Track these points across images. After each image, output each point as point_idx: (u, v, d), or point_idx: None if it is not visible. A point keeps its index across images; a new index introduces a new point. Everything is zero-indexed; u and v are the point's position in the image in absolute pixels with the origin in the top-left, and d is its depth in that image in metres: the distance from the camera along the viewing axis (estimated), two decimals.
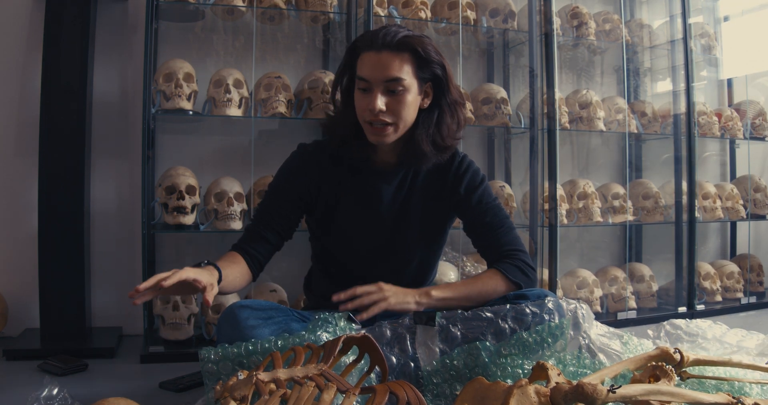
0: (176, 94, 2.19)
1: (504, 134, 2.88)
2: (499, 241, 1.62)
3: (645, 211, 2.93)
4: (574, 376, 1.44)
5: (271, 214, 1.62)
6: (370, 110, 1.51)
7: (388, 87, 1.51)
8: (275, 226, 1.61)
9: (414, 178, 1.66)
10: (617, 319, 2.70)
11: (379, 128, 1.53)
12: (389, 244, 1.66)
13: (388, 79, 1.50)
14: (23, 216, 2.36)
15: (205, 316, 2.23)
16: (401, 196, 1.66)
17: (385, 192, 1.64)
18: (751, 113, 3.26)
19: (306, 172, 1.64)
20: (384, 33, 1.51)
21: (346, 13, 2.45)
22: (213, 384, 1.31)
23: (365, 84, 1.52)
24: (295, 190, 1.63)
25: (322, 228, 1.68)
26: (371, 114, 1.51)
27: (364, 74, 1.52)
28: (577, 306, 1.61)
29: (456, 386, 1.39)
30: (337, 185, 1.64)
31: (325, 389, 1.08)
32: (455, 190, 1.66)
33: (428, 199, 1.67)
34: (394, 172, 1.65)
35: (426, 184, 1.67)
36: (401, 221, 1.65)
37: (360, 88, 1.53)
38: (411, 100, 1.54)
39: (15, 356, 2.04)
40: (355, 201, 1.64)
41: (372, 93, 1.51)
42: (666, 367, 1.36)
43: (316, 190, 1.64)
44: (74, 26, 2.18)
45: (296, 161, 1.66)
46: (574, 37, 2.83)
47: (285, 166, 1.68)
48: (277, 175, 1.68)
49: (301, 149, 1.69)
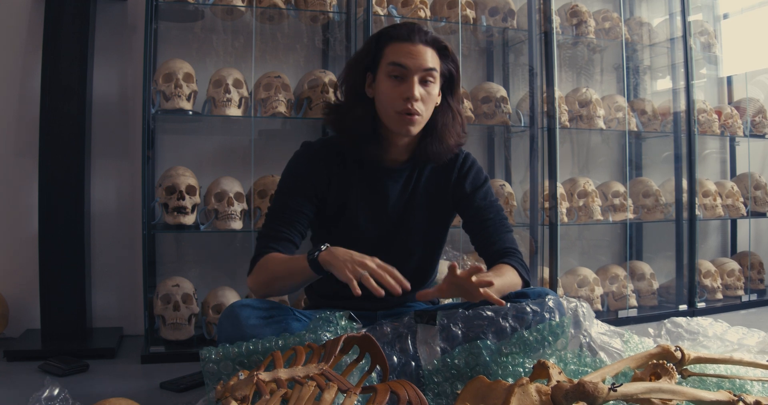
0: (176, 94, 2.19)
1: (504, 133, 2.88)
2: (501, 239, 1.63)
3: (645, 209, 2.93)
4: (575, 374, 1.44)
5: (294, 216, 1.57)
6: (405, 98, 1.51)
7: (423, 76, 1.53)
8: (299, 228, 1.58)
9: (419, 176, 1.67)
10: (618, 317, 2.70)
11: (411, 117, 1.53)
12: (393, 241, 1.66)
13: (426, 68, 1.52)
14: (24, 217, 2.36)
15: (205, 316, 2.23)
16: (407, 194, 1.66)
17: (392, 190, 1.64)
18: (751, 111, 3.26)
19: (317, 171, 1.62)
20: (416, 28, 1.55)
21: (345, 13, 2.45)
22: (214, 384, 1.31)
23: (401, 71, 1.52)
24: (311, 189, 1.60)
25: (328, 227, 1.67)
26: (406, 102, 1.51)
27: (401, 61, 1.51)
28: (577, 304, 1.61)
29: (457, 385, 1.39)
30: (345, 184, 1.63)
31: (326, 389, 1.08)
32: (460, 186, 1.67)
33: (432, 196, 1.68)
34: (401, 169, 1.65)
35: (430, 182, 1.67)
36: (406, 219, 1.66)
37: (393, 75, 1.53)
38: (435, 94, 1.57)
39: (16, 357, 2.04)
40: (364, 199, 1.64)
41: (408, 81, 1.52)
42: (667, 365, 1.36)
43: (327, 189, 1.63)
44: (74, 26, 2.18)
45: (306, 161, 1.63)
46: (573, 35, 2.83)
47: (295, 167, 1.64)
48: (287, 175, 1.64)
49: (308, 148, 1.66)
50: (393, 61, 1.52)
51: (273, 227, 1.57)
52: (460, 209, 1.69)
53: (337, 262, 1.34)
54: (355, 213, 1.63)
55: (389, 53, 1.54)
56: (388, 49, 1.54)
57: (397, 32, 1.55)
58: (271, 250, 1.53)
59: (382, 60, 1.55)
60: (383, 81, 1.55)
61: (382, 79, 1.55)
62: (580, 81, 3.10)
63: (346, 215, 1.64)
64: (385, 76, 1.54)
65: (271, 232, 1.56)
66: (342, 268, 1.32)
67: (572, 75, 3.10)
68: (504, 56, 2.93)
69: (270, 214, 1.60)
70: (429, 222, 1.68)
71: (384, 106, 1.55)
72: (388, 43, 1.55)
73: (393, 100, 1.53)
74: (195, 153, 2.51)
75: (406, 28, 1.55)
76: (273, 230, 1.56)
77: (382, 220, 1.65)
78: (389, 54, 1.54)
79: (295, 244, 1.57)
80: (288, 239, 1.55)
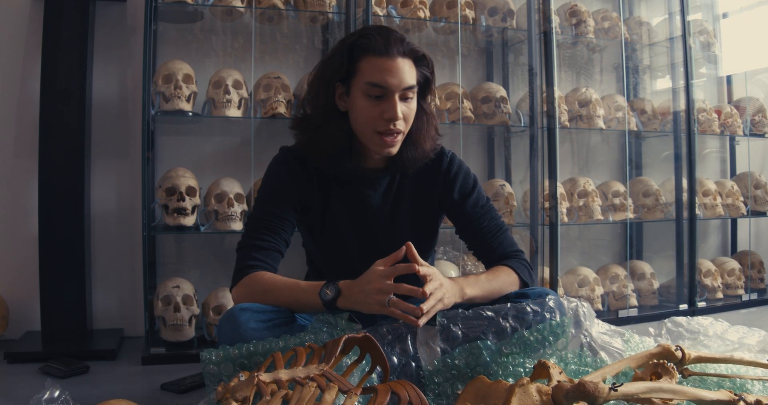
0: (176, 95, 2.19)
1: (504, 133, 2.88)
2: (501, 244, 1.60)
3: (645, 208, 2.93)
4: (576, 374, 1.44)
5: (278, 224, 1.51)
6: (387, 119, 1.43)
7: (404, 94, 1.44)
8: (284, 236, 1.52)
9: (401, 181, 1.61)
10: (618, 316, 2.70)
11: (392, 138, 1.45)
12: (381, 249, 1.59)
13: (406, 86, 1.43)
14: (24, 218, 2.36)
15: (206, 317, 2.23)
16: (390, 200, 1.61)
17: (373, 198, 1.59)
18: (751, 110, 3.26)
19: (297, 178, 1.56)
20: (392, 38, 1.44)
21: (344, 13, 2.45)
22: (214, 385, 1.31)
23: (380, 91, 1.42)
24: (293, 196, 1.55)
25: (314, 235, 1.63)
26: (387, 123, 1.43)
27: (380, 81, 1.41)
28: (578, 304, 1.61)
29: (457, 385, 1.39)
30: (324, 193, 1.58)
31: (327, 390, 1.08)
32: (448, 193, 1.62)
33: (416, 201, 1.63)
34: (380, 178, 1.59)
35: (415, 186, 1.62)
36: (392, 225, 1.62)
37: (372, 95, 1.43)
38: (414, 106, 1.49)
39: (16, 359, 2.04)
40: (344, 209, 1.59)
41: (388, 100, 1.42)
42: (668, 365, 1.36)
43: (308, 196, 1.58)
44: (73, 28, 2.19)
45: (285, 168, 1.56)
46: (573, 35, 2.83)
47: (274, 174, 1.57)
48: (267, 183, 1.57)
49: (286, 154, 1.58)
50: (371, 81, 1.42)
51: (257, 236, 1.49)
52: (451, 216, 1.65)
53: (358, 306, 1.34)
54: (338, 222, 1.59)
55: (366, 69, 1.43)
56: (364, 64, 1.43)
57: (373, 44, 1.42)
58: (258, 262, 1.46)
59: (358, 76, 1.44)
60: (360, 98, 1.44)
61: (358, 96, 1.44)
62: (579, 81, 3.10)
63: (329, 224, 1.60)
64: (361, 94, 1.44)
65: (256, 242, 1.48)
66: (367, 308, 1.32)
67: (572, 75, 3.10)
68: (503, 56, 2.93)
69: (252, 222, 1.52)
70: (415, 227, 1.63)
71: (362, 126, 1.46)
72: (363, 56, 1.43)
73: (373, 120, 1.44)
74: (195, 154, 2.51)
75: (382, 39, 1.43)
76: (258, 239, 1.48)
77: (366, 230, 1.60)
78: (366, 71, 1.43)
79: (281, 253, 1.51)
80: (274, 249, 1.49)
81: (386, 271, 1.31)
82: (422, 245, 1.67)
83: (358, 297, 1.33)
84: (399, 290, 1.30)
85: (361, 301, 1.32)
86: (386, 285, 1.30)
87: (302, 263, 1.81)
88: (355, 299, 1.33)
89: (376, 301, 1.30)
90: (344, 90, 1.48)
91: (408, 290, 1.30)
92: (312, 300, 1.38)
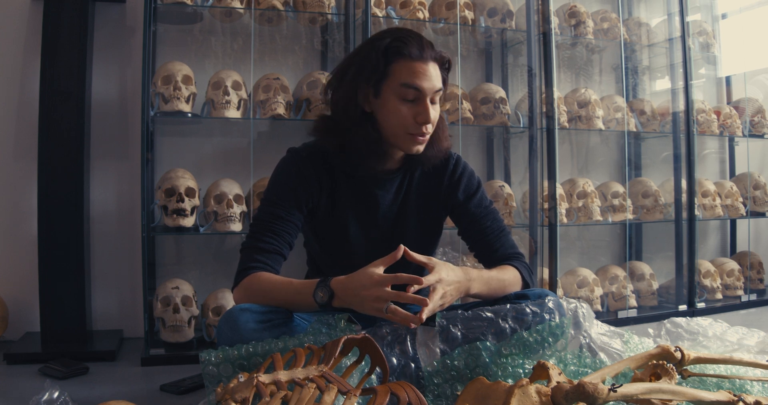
0: (175, 96, 2.20)
1: (503, 134, 2.88)
2: (503, 245, 1.62)
3: (645, 209, 2.93)
4: (575, 375, 1.44)
5: (283, 226, 1.51)
6: (420, 122, 1.47)
7: (433, 97, 1.50)
8: (288, 238, 1.52)
9: (410, 182, 1.64)
10: (618, 317, 2.70)
11: (423, 138, 1.50)
12: (386, 250, 1.61)
13: (437, 89, 1.49)
14: (23, 219, 2.36)
15: (205, 318, 2.23)
16: (398, 201, 1.64)
17: (383, 199, 1.61)
18: (750, 110, 3.26)
19: (305, 181, 1.56)
20: (425, 44, 1.48)
21: (344, 14, 2.45)
22: (214, 386, 1.31)
23: (414, 94, 1.47)
24: (300, 199, 1.55)
25: (319, 235, 1.64)
26: (420, 125, 1.48)
27: (416, 83, 1.46)
28: (577, 305, 1.61)
29: (457, 386, 1.39)
30: (333, 193, 1.59)
31: (326, 390, 1.08)
32: (452, 194, 1.65)
33: (423, 201, 1.65)
34: (392, 178, 1.62)
35: (420, 188, 1.65)
36: (399, 226, 1.64)
37: (406, 98, 1.47)
38: (439, 108, 1.55)
39: (16, 360, 2.04)
40: (353, 209, 1.60)
41: (421, 103, 1.47)
42: (667, 366, 1.36)
43: (316, 199, 1.58)
44: (72, 29, 2.18)
45: (293, 169, 1.57)
46: (572, 36, 2.83)
47: (282, 176, 1.57)
48: (274, 184, 1.57)
49: (294, 155, 1.60)
50: (406, 82, 1.46)
51: (260, 238, 1.49)
52: (454, 216, 1.68)
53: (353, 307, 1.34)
54: (345, 223, 1.60)
55: (400, 72, 1.46)
56: (398, 67, 1.46)
57: (408, 49, 1.46)
58: (259, 264, 1.47)
59: (391, 78, 1.47)
60: (392, 101, 1.48)
61: (390, 98, 1.48)
62: (578, 81, 3.11)
63: (335, 225, 1.60)
64: (395, 97, 1.47)
65: (259, 244, 1.49)
66: (362, 311, 1.34)
67: (571, 75, 3.10)
68: (503, 57, 2.93)
69: (256, 224, 1.53)
70: (421, 228, 1.66)
71: (393, 127, 1.49)
72: (397, 59, 1.46)
73: (406, 122, 1.48)
74: (194, 155, 2.51)
75: (417, 45, 1.47)
76: (261, 241, 1.49)
77: (373, 229, 1.62)
78: (400, 73, 1.46)
79: (284, 255, 1.52)
80: (277, 251, 1.49)
81: (386, 278, 1.31)
82: (425, 246, 1.68)
83: (352, 300, 1.34)
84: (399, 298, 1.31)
85: (356, 304, 1.33)
86: (385, 292, 1.30)
87: (302, 263, 1.82)
88: (350, 302, 1.34)
89: (373, 308, 1.31)
90: (372, 92, 1.49)
91: (408, 279, 1.32)
92: (306, 300, 1.39)
